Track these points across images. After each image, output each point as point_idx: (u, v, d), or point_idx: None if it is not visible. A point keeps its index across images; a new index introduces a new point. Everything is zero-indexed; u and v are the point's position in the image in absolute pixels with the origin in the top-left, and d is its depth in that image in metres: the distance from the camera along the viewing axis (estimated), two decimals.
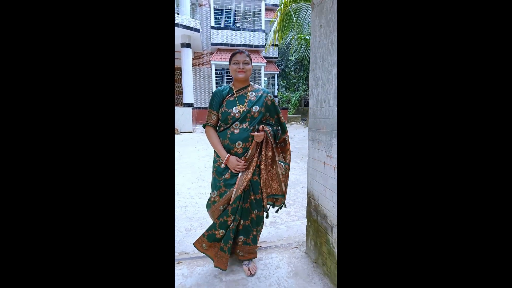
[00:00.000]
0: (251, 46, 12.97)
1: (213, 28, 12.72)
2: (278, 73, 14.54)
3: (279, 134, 1.68)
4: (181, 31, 9.68)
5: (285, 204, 1.78)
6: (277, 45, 10.94)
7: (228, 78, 13.40)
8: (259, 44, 13.12)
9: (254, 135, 1.58)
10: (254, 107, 1.61)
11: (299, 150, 6.39)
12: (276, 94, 14.48)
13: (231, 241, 1.59)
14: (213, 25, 12.86)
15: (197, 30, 10.11)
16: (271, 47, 12.51)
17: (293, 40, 7.76)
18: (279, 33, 7.09)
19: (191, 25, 9.85)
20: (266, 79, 14.55)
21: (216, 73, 13.17)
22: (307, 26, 6.64)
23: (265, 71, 13.42)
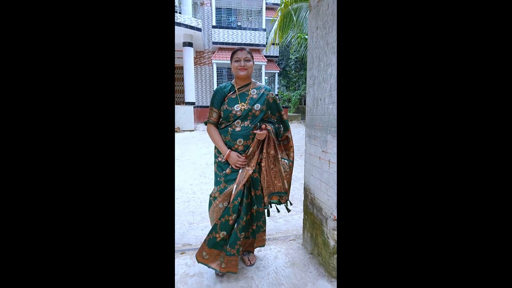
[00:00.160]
0: (252, 45, 13.02)
1: (214, 27, 12.78)
2: (278, 72, 14.60)
3: (281, 132, 1.67)
4: (183, 30, 9.75)
5: (290, 201, 1.75)
6: (278, 44, 10.98)
7: (229, 77, 13.47)
8: (260, 43, 13.17)
9: (256, 133, 1.56)
10: (255, 105, 1.60)
11: (298, 148, 6.45)
12: (276, 93, 14.51)
13: (239, 242, 1.55)
14: (214, 24, 12.92)
15: (199, 29, 10.18)
16: (272, 46, 12.56)
17: (293, 39, 7.83)
18: (280, 32, 7.16)
19: (193, 24, 9.93)
20: (266, 78, 14.64)
21: (217, 72, 13.25)
22: (307, 25, 6.70)
23: (265, 70, 13.48)
